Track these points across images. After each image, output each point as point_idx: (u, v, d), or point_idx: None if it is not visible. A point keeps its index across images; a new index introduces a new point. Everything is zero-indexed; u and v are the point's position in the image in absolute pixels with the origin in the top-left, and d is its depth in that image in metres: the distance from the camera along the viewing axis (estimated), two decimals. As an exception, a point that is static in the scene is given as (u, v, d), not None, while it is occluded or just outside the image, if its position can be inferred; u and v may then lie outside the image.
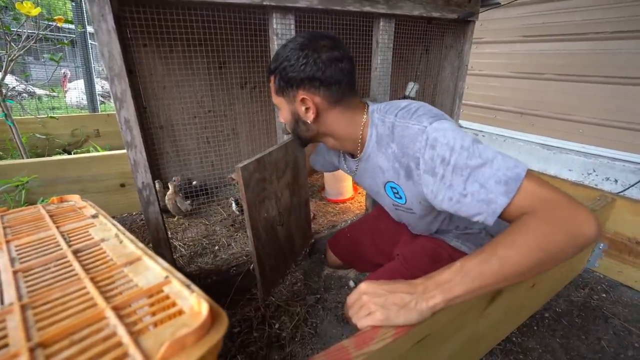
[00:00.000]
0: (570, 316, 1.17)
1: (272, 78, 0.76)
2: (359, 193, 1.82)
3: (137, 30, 1.16)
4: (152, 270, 0.47)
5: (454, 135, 0.60)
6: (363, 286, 0.59)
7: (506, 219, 0.57)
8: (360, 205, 1.69)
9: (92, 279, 0.45)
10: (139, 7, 0.98)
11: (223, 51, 1.51)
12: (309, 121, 0.75)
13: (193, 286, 0.42)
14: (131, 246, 0.54)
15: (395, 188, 0.77)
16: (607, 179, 1.76)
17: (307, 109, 0.74)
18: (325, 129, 0.78)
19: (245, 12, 1.23)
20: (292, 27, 1.02)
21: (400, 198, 0.78)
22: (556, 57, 1.90)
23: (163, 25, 1.10)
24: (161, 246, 0.98)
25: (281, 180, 1.01)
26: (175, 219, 1.52)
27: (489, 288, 0.52)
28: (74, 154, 2.18)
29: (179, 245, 1.31)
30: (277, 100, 0.79)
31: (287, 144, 1.04)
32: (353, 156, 0.87)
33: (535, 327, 1.12)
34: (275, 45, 1.01)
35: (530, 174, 0.56)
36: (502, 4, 1.47)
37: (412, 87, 1.63)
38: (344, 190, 1.73)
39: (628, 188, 1.66)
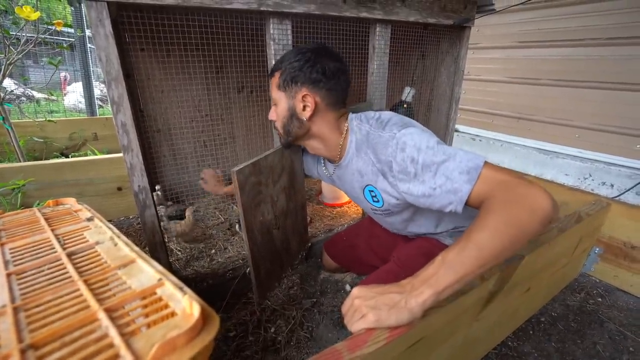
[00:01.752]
0: (566, 320, 1.17)
1: (276, 73, 0.82)
2: (356, 197, 1.83)
3: (134, 34, 1.17)
4: (146, 272, 0.47)
5: (420, 137, 0.68)
6: (355, 291, 0.60)
7: (473, 205, 0.63)
8: (357, 210, 1.70)
9: (85, 282, 0.45)
10: (137, 12, 0.99)
11: (220, 56, 1.52)
12: (304, 118, 0.81)
13: (186, 288, 0.42)
14: (125, 249, 0.54)
15: (373, 191, 0.83)
16: (603, 183, 1.77)
17: (305, 107, 0.80)
18: (316, 129, 0.84)
19: (242, 17, 1.24)
20: (289, 32, 1.03)
21: (378, 201, 0.84)
22: (552, 63, 1.92)
23: (160, 30, 1.11)
24: (157, 250, 0.98)
25: (277, 184, 1.02)
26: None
27: (474, 273, 0.54)
28: (71, 157, 2.18)
29: (176, 249, 1.31)
30: (276, 94, 0.83)
31: (284, 148, 1.05)
32: (332, 162, 0.94)
33: (531, 332, 1.12)
34: (272, 50, 1.02)
35: (487, 163, 0.62)
36: (497, 10, 1.49)
37: (408, 92, 1.64)
38: (341, 195, 1.73)
39: (624, 193, 1.67)
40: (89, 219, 0.68)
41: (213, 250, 1.30)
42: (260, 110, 1.80)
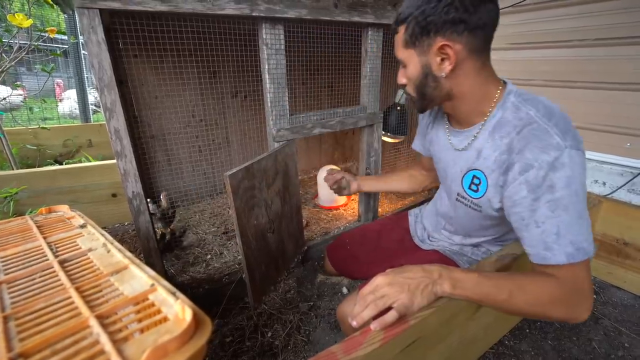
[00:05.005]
0: (562, 318, 1.18)
1: (401, 28, 0.67)
2: (352, 200, 1.83)
3: (128, 41, 1.17)
4: (139, 278, 0.47)
5: (579, 175, 0.58)
6: (380, 279, 0.61)
7: (539, 263, 0.61)
8: (354, 212, 1.70)
9: (77, 289, 0.45)
10: (129, 19, 0.99)
11: (214, 61, 1.53)
12: (443, 74, 0.66)
13: (178, 293, 0.42)
14: (118, 255, 0.54)
15: (479, 179, 0.71)
16: (596, 181, 1.78)
17: (442, 60, 0.65)
18: (457, 88, 0.68)
19: (235, 23, 1.24)
20: (282, 37, 1.04)
21: (477, 191, 0.72)
22: (543, 64, 1.94)
23: (153, 37, 1.12)
24: (152, 256, 0.97)
25: (271, 187, 1.02)
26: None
27: (482, 304, 0.62)
28: (65, 164, 2.17)
29: (171, 254, 1.30)
30: (404, 54, 0.69)
31: (277, 152, 1.05)
32: (449, 122, 0.81)
33: (527, 330, 1.12)
34: (265, 54, 1.03)
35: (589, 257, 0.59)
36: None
37: (401, 95, 1.65)
38: (337, 197, 1.73)
39: (615, 190, 1.69)
40: (82, 226, 0.68)
41: (209, 256, 1.30)
42: (255, 114, 1.80)
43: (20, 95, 3.52)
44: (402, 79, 0.74)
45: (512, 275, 0.62)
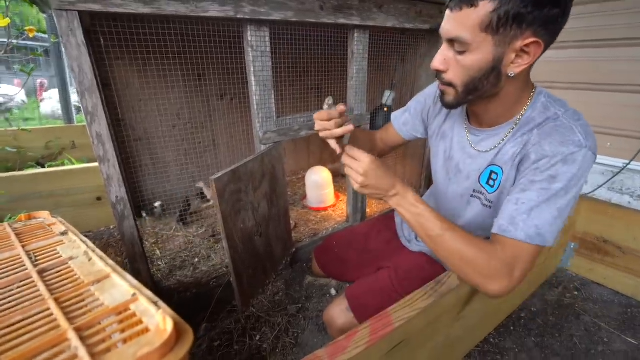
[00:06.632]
0: (545, 315, 1.21)
1: (484, 4, 0.52)
2: (341, 200, 1.84)
3: (110, 44, 1.15)
4: (120, 287, 0.46)
5: (582, 177, 0.59)
6: (365, 166, 0.65)
7: (496, 232, 0.62)
8: (342, 213, 1.71)
9: (56, 300, 0.44)
10: (110, 22, 0.97)
11: (201, 62, 1.52)
12: (512, 73, 0.58)
13: (160, 303, 0.42)
14: (100, 263, 0.53)
15: (496, 173, 0.69)
16: (577, 180, 1.83)
17: (517, 57, 0.57)
18: (506, 88, 0.63)
19: (221, 25, 1.23)
20: (267, 39, 1.04)
21: (493, 186, 0.70)
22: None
23: (136, 40, 1.10)
24: (137, 261, 0.96)
25: (258, 190, 1.02)
26: (155, 230, 1.49)
27: (414, 231, 0.67)
28: (48, 167, 2.11)
29: (157, 259, 1.29)
30: (475, 37, 0.55)
31: (264, 155, 1.05)
32: (468, 122, 0.76)
33: (511, 327, 1.15)
34: (250, 57, 1.02)
35: (542, 247, 0.60)
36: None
37: (388, 95, 1.66)
38: (326, 198, 1.74)
39: (597, 189, 1.74)
40: (63, 233, 0.66)
41: (197, 259, 1.29)
42: (243, 116, 1.79)
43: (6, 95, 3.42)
44: (442, 65, 0.61)
45: (457, 226, 0.64)
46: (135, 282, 0.47)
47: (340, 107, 0.67)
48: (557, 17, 0.53)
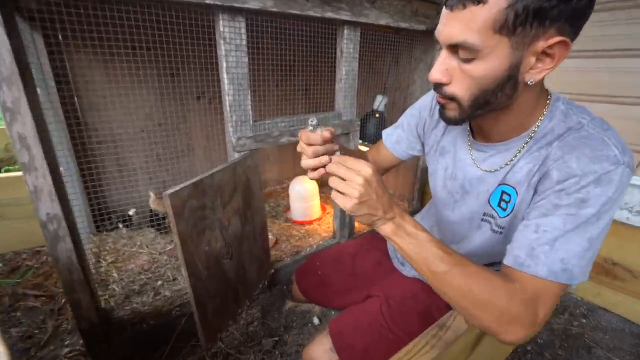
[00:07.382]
0: (553, 348, 1.08)
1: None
2: (328, 213, 1.69)
3: (68, 33, 0.99)
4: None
5: (618, 199, 0.47)
6: (365, 179, 0.48)
7: (510, 265, 0.50)
8: (328, 227, 1.56)
9: None
10: (69, 6, 0.82)
11: (175, 59, 1.37)
12: (531, 81, 0.47)
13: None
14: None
15: (509, 194, 0.58)
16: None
17: (537, 61, 0.46)
18: (520, 98, 0.51)
19: (192, 13, 1.09)
20: (243, 30, 0.90)
21: (505, 210, 0.59)
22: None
23: (93, 30, 0.95)
24: (76, 290, 0.79)
25: (228, 205, 0.87)
26: (114, 245, 1.32)
27: (412, 264, 0.52)
28: (4, 172, 1.91)
29: (114, 281, 1.11)
30: (487, 40, 0.44)
31: (236, 164, 0.90)
32: (473, 137, 0.64)
33: (518, 363, 1.02)
34: (222, 51, 0.88)
35: (564, 285, 0.49)
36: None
37: (380, 101, 1.54)
38: (311, 211, 1.59)
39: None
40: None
41: (159, 282, 1.12)
42: (221, 118, 1.64)
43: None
44: (444, 76, 0.50)
45: (464, 258, 0.51)
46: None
47: (325, 133, 0.52)
48: (585, 9, 0.43)
